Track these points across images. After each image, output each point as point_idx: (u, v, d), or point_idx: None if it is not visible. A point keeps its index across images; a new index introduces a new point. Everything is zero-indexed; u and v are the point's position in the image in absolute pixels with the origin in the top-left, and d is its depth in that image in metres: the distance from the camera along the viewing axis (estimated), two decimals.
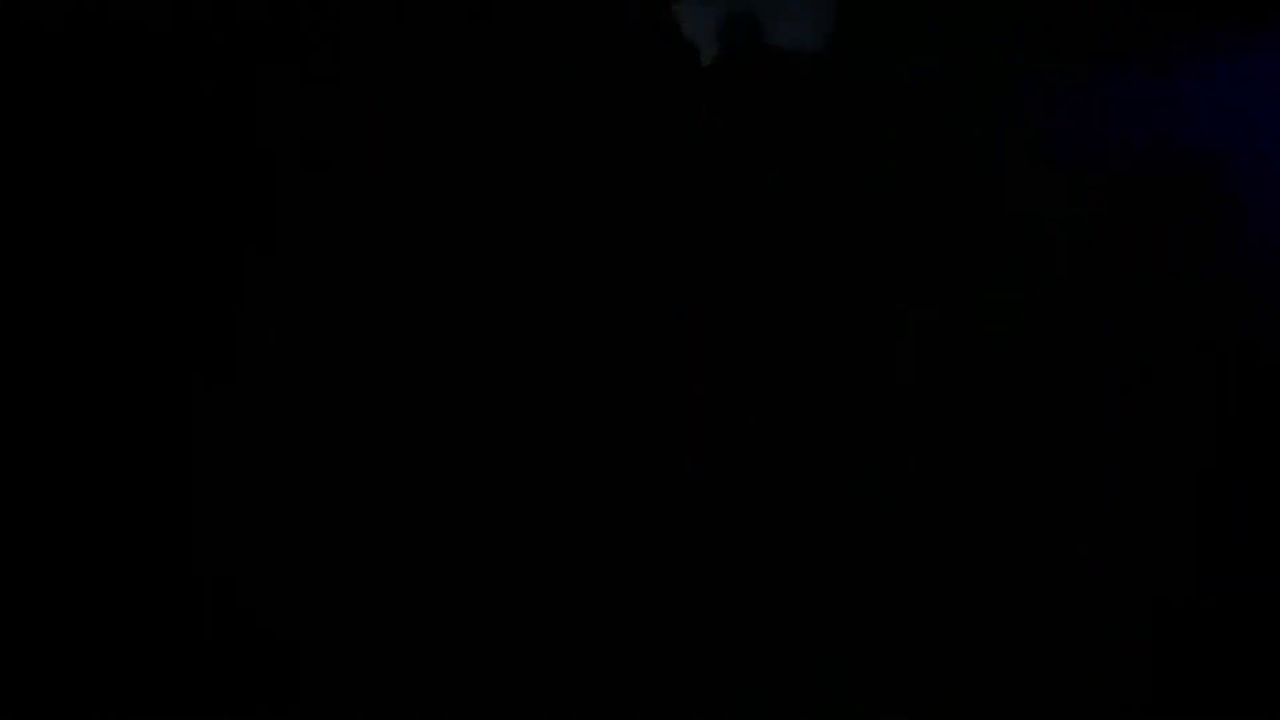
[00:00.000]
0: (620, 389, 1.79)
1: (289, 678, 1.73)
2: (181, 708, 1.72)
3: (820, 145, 1.78)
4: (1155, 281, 1.66)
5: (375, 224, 1.79)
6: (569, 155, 1.81)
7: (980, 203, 1.73)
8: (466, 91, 1.80)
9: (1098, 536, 1.66)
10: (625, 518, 1.77)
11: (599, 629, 1.73)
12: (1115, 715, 1.60)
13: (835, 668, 1.68)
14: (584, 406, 1.79)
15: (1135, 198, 1.66)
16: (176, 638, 1.73)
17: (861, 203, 1.77)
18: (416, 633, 1.74)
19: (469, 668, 1.73)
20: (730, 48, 1.82)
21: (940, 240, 1.74)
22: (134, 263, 1.77)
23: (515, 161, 1.79)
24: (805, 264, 1.78)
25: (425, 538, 1.75)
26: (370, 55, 1.80)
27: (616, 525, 1.77)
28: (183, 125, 1.77)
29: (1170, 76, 1.63)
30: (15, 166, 1.74)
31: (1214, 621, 1.60)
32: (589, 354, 1.81)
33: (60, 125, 1.75)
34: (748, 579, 1.73)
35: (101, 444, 1.75)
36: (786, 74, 1.80)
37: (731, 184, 1.81)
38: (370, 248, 1.79)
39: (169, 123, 1.77)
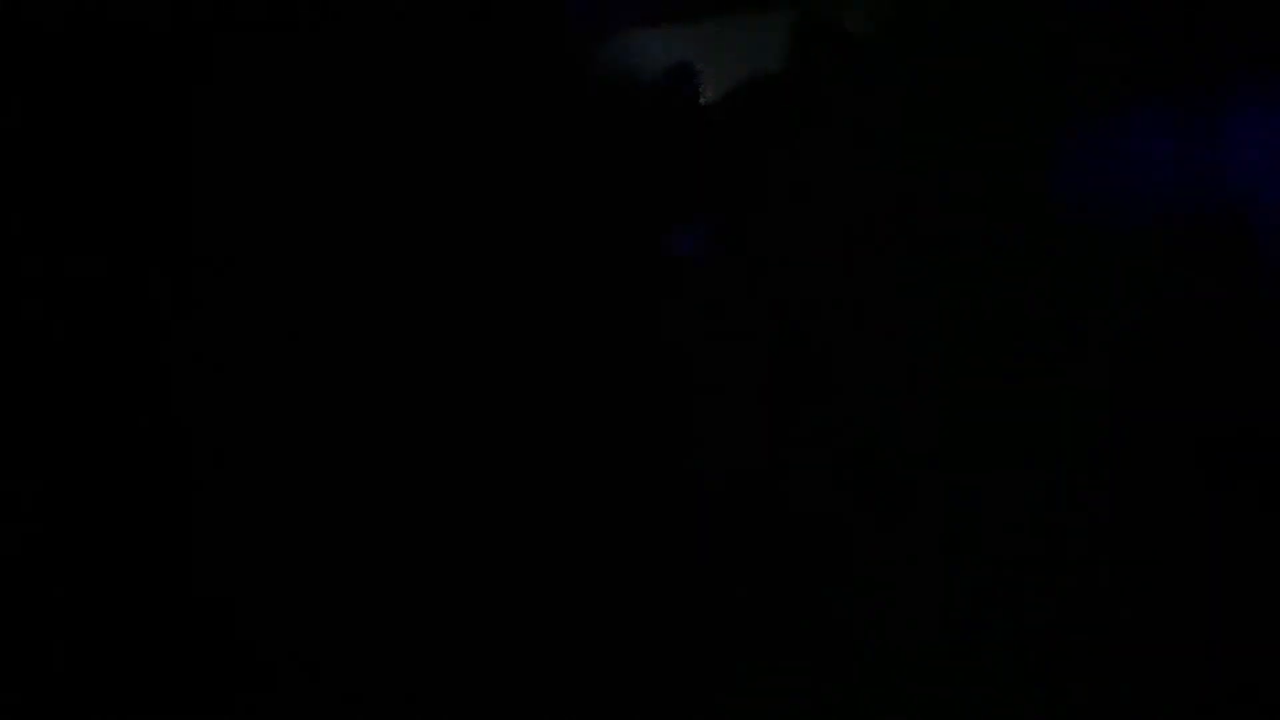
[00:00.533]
0: (624, 387, 1.80)
1: (282, 676, 1.73)
2: (175, 708, 1.72)
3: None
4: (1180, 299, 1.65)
5: (366, 224, 1.79)
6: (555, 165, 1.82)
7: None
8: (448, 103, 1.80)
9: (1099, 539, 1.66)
10: (621, 514, 1.78)
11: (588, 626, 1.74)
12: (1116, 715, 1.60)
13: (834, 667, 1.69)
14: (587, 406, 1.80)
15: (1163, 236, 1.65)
16: (168, 638, 1.73)
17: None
18: (411, 631, 1.74)
19: (464, 667, 1.73)
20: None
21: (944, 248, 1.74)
22: (131, 261, 1.77)
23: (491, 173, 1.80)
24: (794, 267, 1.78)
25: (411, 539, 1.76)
26: (362, 60, 1.80)
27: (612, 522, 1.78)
28: (180, 124, 1.77)
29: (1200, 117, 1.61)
30: (15, 166, 1.74)
31: (1214, 621, 1.60)
32: (587, 359, 1.82)
33: (59, 125, 1.75)
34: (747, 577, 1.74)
35: (91, 445, 1.75)
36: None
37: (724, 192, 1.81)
38: (361, 247, 1.79)
39: (167, 122, 1.77)
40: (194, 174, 1.77)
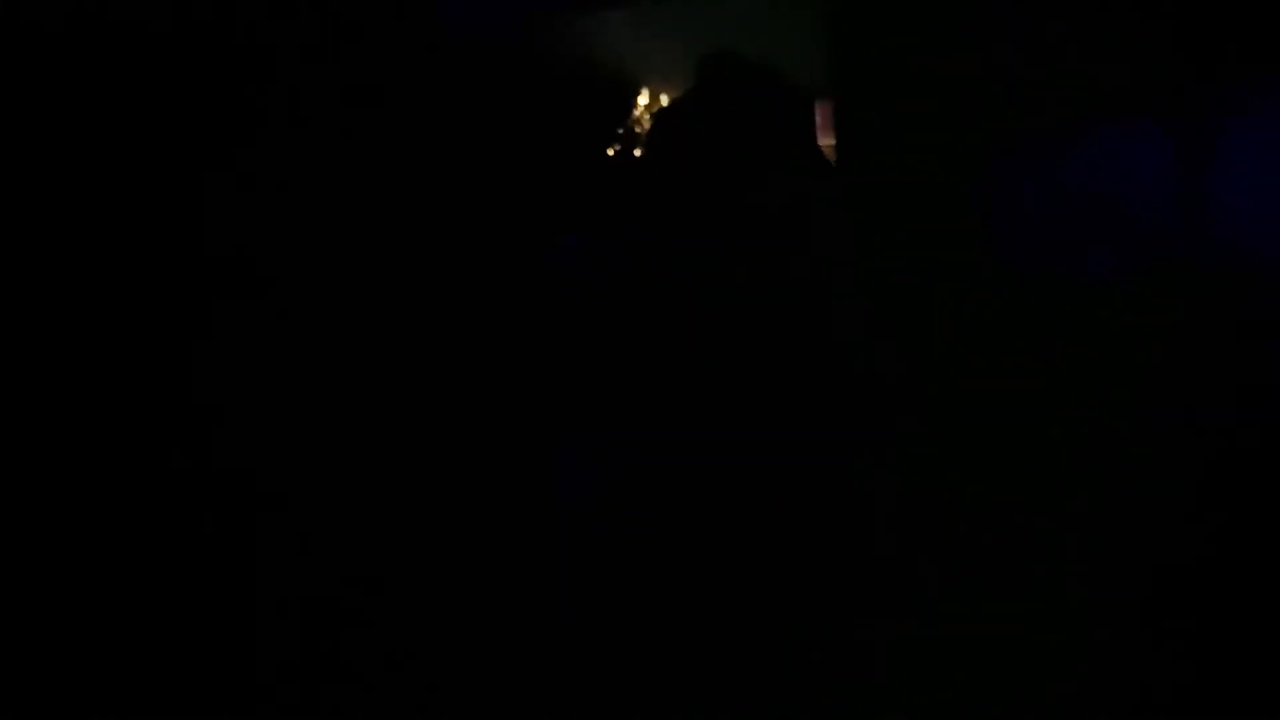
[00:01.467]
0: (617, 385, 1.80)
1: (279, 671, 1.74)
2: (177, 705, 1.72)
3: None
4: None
5: (359, 225, 1.80)
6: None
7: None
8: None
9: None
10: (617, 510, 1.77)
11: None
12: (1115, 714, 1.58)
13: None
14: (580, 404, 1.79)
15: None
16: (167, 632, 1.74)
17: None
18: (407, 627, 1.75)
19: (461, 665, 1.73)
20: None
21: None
22: (132, 259, 1.77)
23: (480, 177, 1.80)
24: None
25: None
26: (360, 61, 1.81)
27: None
28: (180, 124, 1.78)
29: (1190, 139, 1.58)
30: (15, 166, 1.75)
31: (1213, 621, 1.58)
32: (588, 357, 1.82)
33: (60, 125, 1.76)
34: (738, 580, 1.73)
35: (95, 432, 1.76)
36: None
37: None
38: (354, 247, 1.80)
39: (167, 122, 1.78)
40: (190, 173, 1.78)
